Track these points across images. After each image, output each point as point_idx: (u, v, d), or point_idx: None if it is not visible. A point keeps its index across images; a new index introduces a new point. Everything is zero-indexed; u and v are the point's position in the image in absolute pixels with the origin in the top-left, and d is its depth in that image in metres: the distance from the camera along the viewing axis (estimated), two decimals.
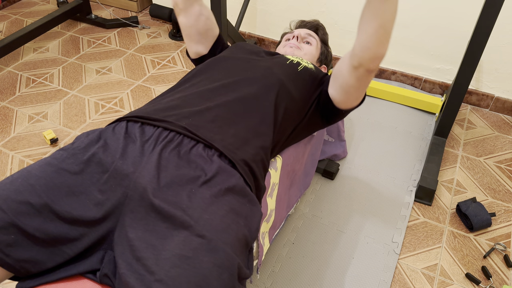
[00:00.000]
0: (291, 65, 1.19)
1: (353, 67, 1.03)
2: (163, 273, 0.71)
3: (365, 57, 0.98)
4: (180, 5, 1.24)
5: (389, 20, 0.92)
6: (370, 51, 0.96)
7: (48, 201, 0.82)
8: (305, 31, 1.40)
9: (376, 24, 0.92)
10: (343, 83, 1.09)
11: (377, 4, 0.90)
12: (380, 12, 0.90)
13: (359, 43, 0.98)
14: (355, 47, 0.99)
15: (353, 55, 1.00)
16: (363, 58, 0.98)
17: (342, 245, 1.47)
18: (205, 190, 0.84)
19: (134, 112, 1.00)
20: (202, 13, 1.25)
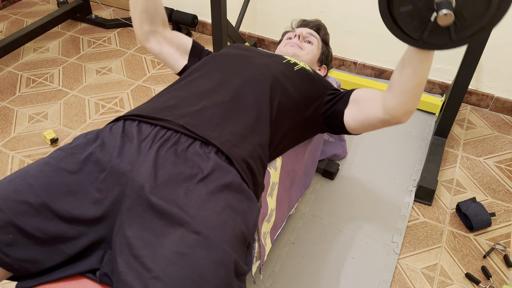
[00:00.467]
0: (288, 64, 1.19)
1: (384, 119, 1.07)
2: (159, 270, 0.71)
3: (401, 111, 1.03)
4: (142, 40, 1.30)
5: (426, 78, 0.97)
6: (406, 106, 1.02)
7: (46, 200, 0.82)
8: (306, 30, 1.40)
9: (415, 83, 0.97)
10: (366, 122, 1.12)
11: (417, 64, 0.93)
12: (419, 72, 0.95)
13: (395, 99, 1.02)
14: (390, 101, 1.03)
15: (387, 108, 1.05)
16: (398, 112, 1.04)
17: (342, 245, 1.47)
18: (201, 187, 0.84)
19: (132, 111, 1.00)
20: (165, 37, 1.29)
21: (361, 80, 2.12)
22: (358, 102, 1.13)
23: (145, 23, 1.26)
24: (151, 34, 1.28)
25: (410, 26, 0.80)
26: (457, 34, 0.81)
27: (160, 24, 1.28)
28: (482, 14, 0.77)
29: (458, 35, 0.81)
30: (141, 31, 1.28)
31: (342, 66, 2.27)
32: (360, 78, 2.14)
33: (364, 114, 1.11)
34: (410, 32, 0.81)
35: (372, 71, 2.22)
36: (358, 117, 1.12)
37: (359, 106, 1.12)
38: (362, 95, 1.13)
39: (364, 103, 1.11)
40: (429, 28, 0.79)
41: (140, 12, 1.24)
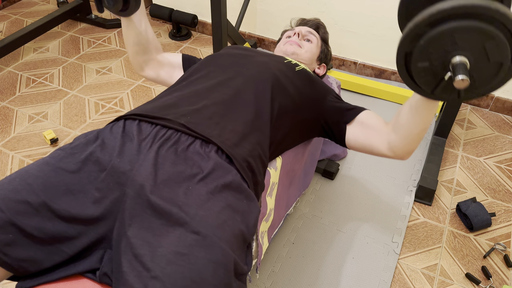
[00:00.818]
0: (289, 64, 1.19)
1: (386, 155, 1.13)
2: (158, 270, 0.71)
3: (404, 152, 1.09)
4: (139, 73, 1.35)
5: (431, 122, 1.04)
6: (410, 147, 1.08)
7: (46, 200, 0.82)
8: (306, 28, 1.40)
9: (421, 128, 1.03)
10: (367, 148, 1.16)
11: (424, 111, 0.98)
12: (426, 119, 1.00)
13: (400, 141, 1.07)
14: (395, 141, 1.08)
15: (392, 146, 1.10)
16: (402, 152, 1.10)
17: (342, 245, 1.47)
18: (201, 186, 0.84)
19: (133, 111, 1.00)
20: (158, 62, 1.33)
21: (361, 80, 2.12)
22: (364, 128, 1.15)
23: (139, 54, 1.30)
24: (145, 63, 1.32)
25: (423, 80, 0.82)
26: (466, 93, 0.84)
27: (154, 52, 1.32)
28: (493, 77, 0.79)
29: (467, 95, 0.84)
30: (136, 62, 1.32)
31: (342, 66, 2.27)
32: (360, 78, 2.14)
33: (368, 142, 1.14)
34: (423, 86, 0.84)
35: (372, 71, 2.21)
36: (361, 141, 1.16)
37: (365, 132, 1.15)
38: (370, 121, 1.15)
39: (371, 132, 1.14)
40: (442, 86, 0.82)
41: (133, 45, 1.28)
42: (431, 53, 0.76)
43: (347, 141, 1.18)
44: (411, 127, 1.03)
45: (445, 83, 0.81)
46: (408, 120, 1.02)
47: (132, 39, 1.26)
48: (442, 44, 0.74)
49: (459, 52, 0.75)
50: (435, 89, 0.83)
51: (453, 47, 0.74)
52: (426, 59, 0.77)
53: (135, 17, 1.23)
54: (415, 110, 0.99)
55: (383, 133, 1.11)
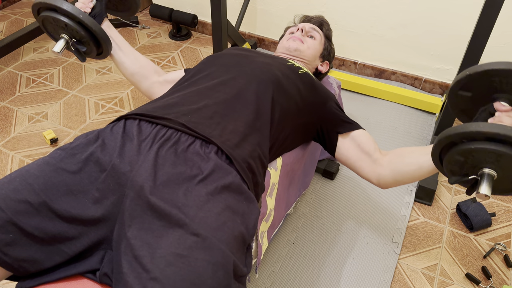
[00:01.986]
0: (292, 67, 1.19)
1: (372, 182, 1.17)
2: (158, 271, 0.71)
3: (389, 186, 1.15)
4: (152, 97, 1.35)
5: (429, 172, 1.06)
6: (396, 185, 1.13)
7: (46, 200, 0.82)
8: (309, 25, 1.40)
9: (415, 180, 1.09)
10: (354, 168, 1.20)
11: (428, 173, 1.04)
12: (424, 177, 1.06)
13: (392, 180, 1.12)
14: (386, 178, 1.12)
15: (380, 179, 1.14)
16: (387, 186, 1.14)
17: (342, 245, 1.47)
18: (201, 188, 0.83)
19: (134, 111, 1.00)
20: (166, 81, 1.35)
21: (361, 80, 2.12)
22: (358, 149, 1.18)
23: (141, 82, 1.34)
24: (151, 88, 1.34)
25: (450, 167, 0.88)
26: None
27: (154, 75, 1.35)
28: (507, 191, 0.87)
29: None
30: (143, 89, 1.35)
31: (342, 66, 2.27)
32: (360, 78, 2.14)
33: (358, 165, 1.18)
34: (447, 172, 0.90)
35: (372, 71, 2.21)
36: (352, 161, 1.19)
37: (358, 154, 1.17)
38: (365, 145, 1.18)
39: (364, 156, 1.17)
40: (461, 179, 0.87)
41: (131, 76, 1.33)
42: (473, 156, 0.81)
43: (337, 153, 1.21)
44: (408, 177, 1.08)
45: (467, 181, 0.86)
46: (409, 172, 1.07)
47: (127, 72, 1.33)
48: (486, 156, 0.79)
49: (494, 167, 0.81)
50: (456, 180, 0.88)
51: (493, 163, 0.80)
52: (464, 157, 0.82)
53: (117, 53, 1.31)
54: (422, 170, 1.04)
55: (376, 164, 1.15)
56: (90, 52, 1.26)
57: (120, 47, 1.30)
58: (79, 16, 1.14)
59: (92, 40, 1.21)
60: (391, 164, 1.11)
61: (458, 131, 0.79)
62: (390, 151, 1.15)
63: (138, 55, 1.34)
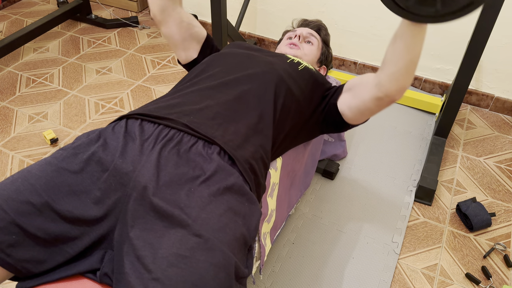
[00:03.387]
0: (292, 63, 1.19)
1: (378, 97, 1.06)
2: (159, 272, 0.71)
3: (393, 89, 1.02)
4: (158, 17, 1.21)
5: (418, 54, 0.96)
6: (399, 83, 1.01)
7: (48, 200, 0.82)
8: (307, 30, 1.40)
9: (407, 59, 0.96)
10: (360, 106, 1.11)
11: (409, 39, 0.93)
12: (411, 47, 0.94)
13: (387, 75, 1.01)
14: (383, 79, 1.02)
15: (380, 85, 1.03)
16: (391, 89, 1.02)
17: (342, 245, 1.47)
18: (203, 189, 0.84)
19: (135, 110, 1.00)
20: (182, 20, 1.22)
21: None
22: (352, 90, 1.13)
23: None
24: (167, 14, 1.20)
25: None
26: (443, 6, 0.81)
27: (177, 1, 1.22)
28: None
29: (444, 7, 0.81)
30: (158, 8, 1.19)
31: (342, 66, 2.27)
32: None
33: (359, 99, 1.10)
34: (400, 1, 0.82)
35: (372, 71, 2.21)
36: (354, 103, 1.12)
37: (353, 93, 1.13)
38: (356, 81, 1.13)
39: (358, 89, 1.11)
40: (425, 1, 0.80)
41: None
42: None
43: (344, 116, 1.15)
44: (396, 58, 0.98)
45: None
46: (394, 51, 0.98)
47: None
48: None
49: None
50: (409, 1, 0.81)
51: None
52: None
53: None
54: (400, 38, 0.95)
55: (370, 81, 1.07)
56: None
57: None
58: None
59: None
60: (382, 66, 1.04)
61: None
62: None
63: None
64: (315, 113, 1.18)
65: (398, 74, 0.99)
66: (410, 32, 0.92)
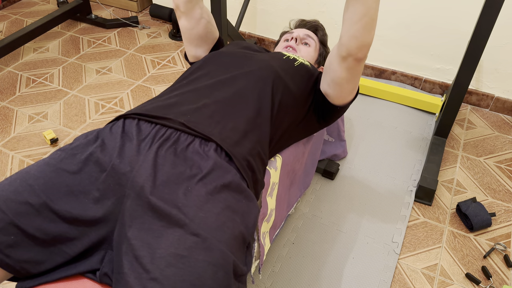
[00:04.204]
0: (288, 60, 1.19)
1: (341, 58, 1.04)
2: (158, 272, 0.71)
3: (353, 46, 1.00)
4: (181, 8, 1.22)
5: (373, 7, 0.94)
6: (357, 39, 0.98)
7: (47, 201, 0.82)
8: (304, 31, 1.40)
9: (361, 13, 0.94)
10: (334, 76, 1.10)
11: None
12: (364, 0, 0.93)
13: (345, 33, 0.99)
14: (342, 37, 1.01)
15: (340, 45, 1.02)
16: (350, 47, 1.00)
17: (342, 245, 1.47)
18: (200, 187, 0.84)
19: (133, 110, 1.00)
20: (203, 16, 1.25)
21: (361, 80, 2.12)
22: (325, 68, 1.14)
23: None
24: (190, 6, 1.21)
25: None
26: None
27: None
28: None
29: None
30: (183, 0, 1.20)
31: None
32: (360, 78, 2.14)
33: (330, 70, 1.10)
34: None
35: (372, 71, 2.21)
36: (329, 78, 1.12)
37: (326, 70, 1.13)
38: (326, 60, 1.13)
39: (328, 63, 1.11)
40: None
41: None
42: None
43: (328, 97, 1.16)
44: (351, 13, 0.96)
45: None
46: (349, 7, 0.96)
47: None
48: None
49: None
50: None
51: None
52: None
53: None
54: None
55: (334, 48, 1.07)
56: None
57: None
58: None
59: None
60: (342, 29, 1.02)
61: None
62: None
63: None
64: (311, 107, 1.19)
65: (354, 30, 0.97)
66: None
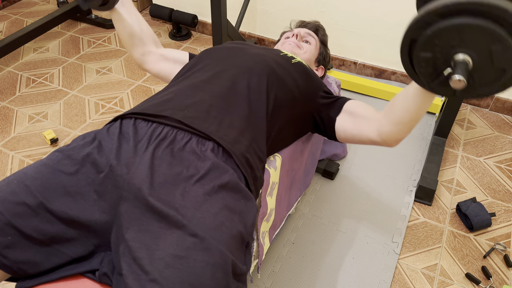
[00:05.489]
0: (285, 57, 1.19)
1: (375, 141, 1.12)
2: (157, 273, 0.71)
3: (393, 139, 1.08)
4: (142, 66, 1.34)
5: (424, 113, 1.03)
6: (399, 135, 1.07)
7: (43, 201, 0.82)
8: (305, 30, 1.40)
9: (414, 118, 1.02)
10: (356, 137, 1.16)
11: (421, 102, 0.97)
12: (421, 109, 0.99)
13: (391, 127, 1.06)
14: (385, 127, 1.07)
15: (381, 132, 1.09)
16: (391, 139, 1.08)
17: (342, 245, 1.47)
18: (198, 188, 0.83)
19: (130, 110, 1.00)
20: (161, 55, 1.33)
21: (361, 80, 2.12)
22: (353, 117, 1.15)
23: (137, 46, 1.31)
24: (146, 55, 1.32)
25: (423, 70, 0.81)
26: (463, 93, 0.82)
27: (152, 43, 1.33)
28: (493, 81, 0.77)
29: (463, 94, 0.82)
30: (136, 55, 1.33)
31: (342, 66, 2.27)
32: (360, 78, 2.14)
33: (357, 130, 1.14)
34: (422, 76, 0.83)
35: (372, 71, 2.21)
36: (351, 131, 1.15)
37: (354, 121, 1.14)
38: (358, 110, 1.15)
39: (359, 120, 1.13)
40: (439, 80, 0.81)
41: (128, 37, 1.30)
42: (436, 45, 0.74)
43: (337, 134, 1.18)
44: (403, 114, 1.01)
45: (443, 78, 0.79)
46: (402, 107, 1.01)
47: (125, 32, 1.29)
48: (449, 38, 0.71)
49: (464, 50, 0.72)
50: (432, 81, 0.82)
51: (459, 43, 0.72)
52: (430, 50, 0.75)
53: (121, 9, 1.26)
54: (411, 98, 0.98)
55: (373, 121, 1.10)
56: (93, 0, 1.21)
57: (124, 4, 1.27)
58: None
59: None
60: (386, 114, 1.07)
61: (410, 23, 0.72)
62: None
63: (141, 18, 1.31)
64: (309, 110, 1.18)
65: (401, 128, 1.05)
66: (423, 97, 0.96)
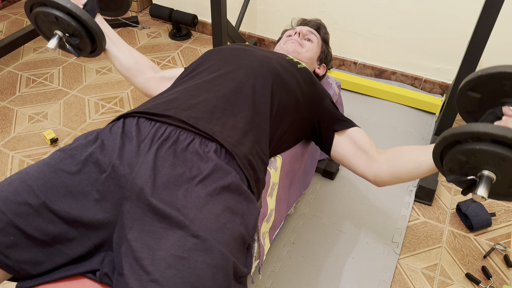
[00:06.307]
0: (291, 61, 1.19)
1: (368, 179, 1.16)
2: (158, 274, 0.71)
3: (385, 184, 1.14)
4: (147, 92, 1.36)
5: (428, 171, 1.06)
6: (392, 183, 1.12)
7: (46, 201, 0.82)
8: (306, 28, 1.40)
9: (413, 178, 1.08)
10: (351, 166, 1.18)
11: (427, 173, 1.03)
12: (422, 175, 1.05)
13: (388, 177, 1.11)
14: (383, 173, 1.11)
15: (377, 176, 1.13)
16: (382, 183, 1.13)
17: (342, 245, 1.47)
18: (200, 189, 0.83)
19: (134, 109, 1.00)
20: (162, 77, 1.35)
21: (361, 80, 2.12)
22: (355, 146, 1.17)
23: (136, 77, 1.34)
24: (147, 82, 1.34)
25: (450, 166, 0.87)
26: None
27: (150, 71, 1.35)
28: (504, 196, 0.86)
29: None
30: (138, 85, 1.36)
31: (342, 66, 2.27)
32: (360, 78, 2.14)
33: (354, 162, 1.17)
34: (446, 170, 0.89)
35: (372, 71, 2.21)
36: (348, 160, 1.18)
37: (354, 151, 1.16)
38: (362, 142, 1.17)
39: (360, 153, 1.16)
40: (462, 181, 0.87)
41: (126, 71, 1.34)
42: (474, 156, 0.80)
43: (333, 151, 1.20)
44: (406, 174, 1.07)
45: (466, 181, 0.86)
46: (408, 168, 1.06)
47: (122, 67, 1.33)
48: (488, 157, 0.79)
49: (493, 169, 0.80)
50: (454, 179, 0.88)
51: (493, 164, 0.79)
52: (466, 157, 0.82)
53: (112, 49, 1.31)
54: (423, 169, 1.03)
55: (373, 160, 1.14)
56: (84, 46, 1.26)
57: (114, 42, 1.32)
58: (67, 5, 1.15)
59: (85, 32, 1.22)
60: (389, 161, 1.10)
61: (465, 130, 0.78)
62: (388, 150, 1.15)
63: (133, 50, 1.35)
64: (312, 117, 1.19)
65: (397, 180, 1.10)
66: (433, 170, 1.02)
